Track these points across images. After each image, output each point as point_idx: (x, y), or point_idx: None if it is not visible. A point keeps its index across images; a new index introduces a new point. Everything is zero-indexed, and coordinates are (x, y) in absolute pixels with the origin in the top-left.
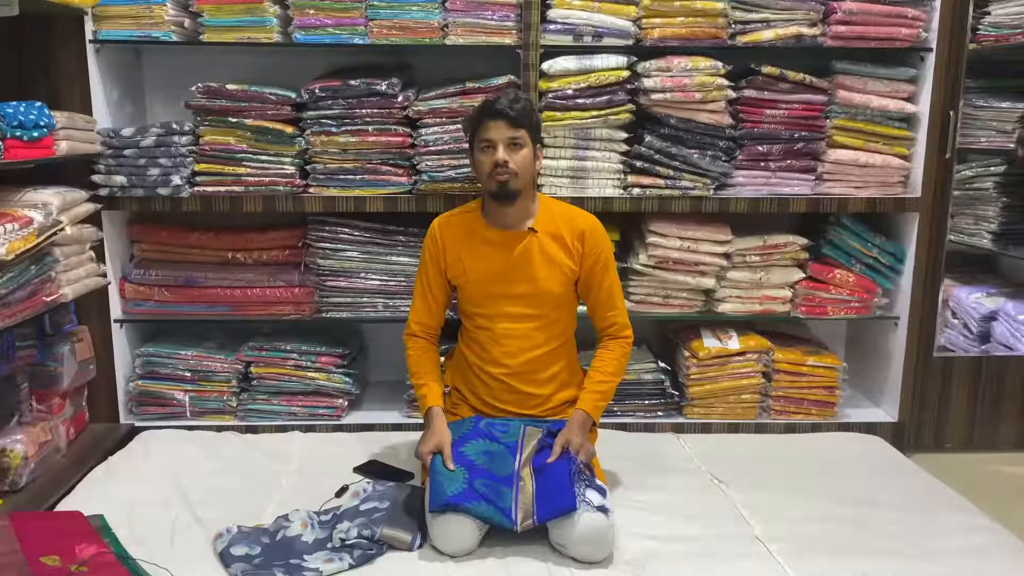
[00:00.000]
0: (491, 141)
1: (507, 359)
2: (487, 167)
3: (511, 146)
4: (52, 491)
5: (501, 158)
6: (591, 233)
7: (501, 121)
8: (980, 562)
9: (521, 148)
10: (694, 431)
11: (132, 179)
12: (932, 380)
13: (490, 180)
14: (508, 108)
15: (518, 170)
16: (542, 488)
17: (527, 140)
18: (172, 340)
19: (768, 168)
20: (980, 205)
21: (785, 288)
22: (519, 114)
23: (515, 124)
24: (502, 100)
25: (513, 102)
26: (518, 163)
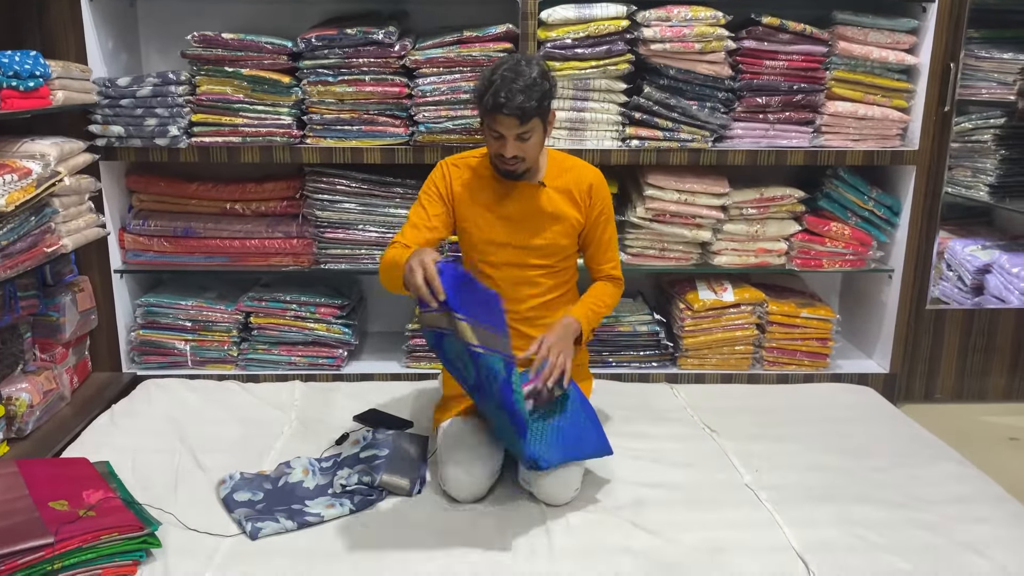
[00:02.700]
0: (500, 133)
1: (514, 304)
2: (494, 151)
3: (520, 139)
4: (58, 438)
5: (510, 154)
6: (597, 186)
7: (512, 119)
8: (965, 510)
9: (531, 137)
10: (688, 381)
11: (129, 129)
12: (924, 332)
13: (498, 161)
14: (518, 108)
15: (527, 156)
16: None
17: (538, 126)
18: (172, 290)
19: (766, 120)
20: (978, 157)
21: (781, 241)
22: (530, 110)
23: (525, 120)
24: (514, 94)
25: (526, 94)
26: (527, 150)
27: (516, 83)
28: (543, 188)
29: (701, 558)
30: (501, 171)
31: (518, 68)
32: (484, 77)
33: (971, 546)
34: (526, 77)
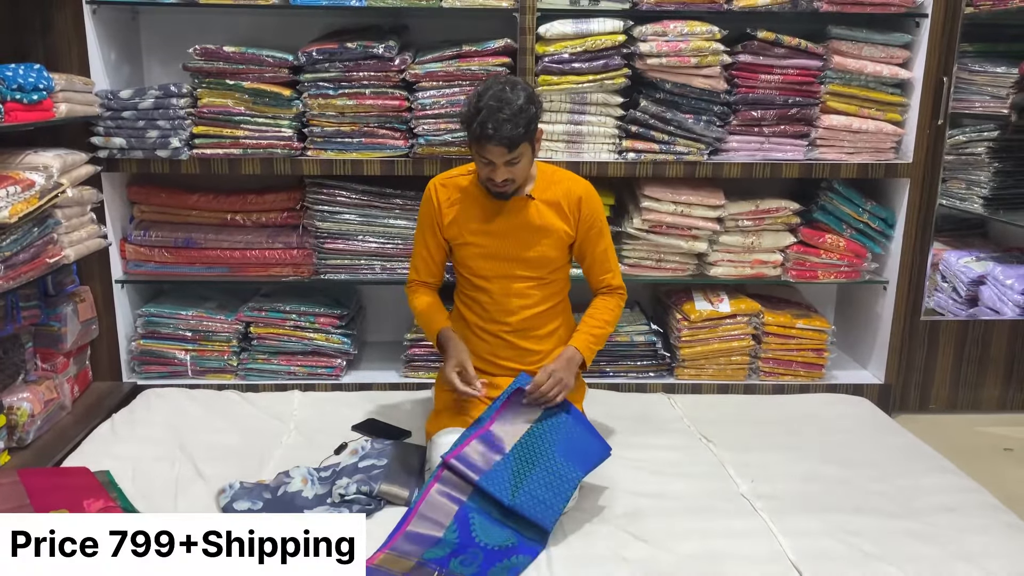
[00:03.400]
0: (489, 161)
1: (506, 316)
2: (484, 176)
3: (509, 164)
4: (58, 447)
5: (500, 179)
6: (587, 199)
7: (500, 147)
8: (960, 520)
9: (520, 161)
10: (684, 391)
11: (131, 141)
12: (919, 343)
13: (488, 184)
14: (506, 138)
15: (516, 178)
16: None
17: (526, 149)
18: (172, 300)
19: (762, 133)
20: (972, 170)
21: (776, 252)
22: (516, 138)
23: (514, 147)
24: (501, 124)
25: (512, 122)
26: (516, 173)
27: (502, 112)
28: (531, 201)
29: (697, 567)
30: (492, 193)
31: (503, 96)
32: (471, 104)
33: (965, 556)
34: (512, 105)
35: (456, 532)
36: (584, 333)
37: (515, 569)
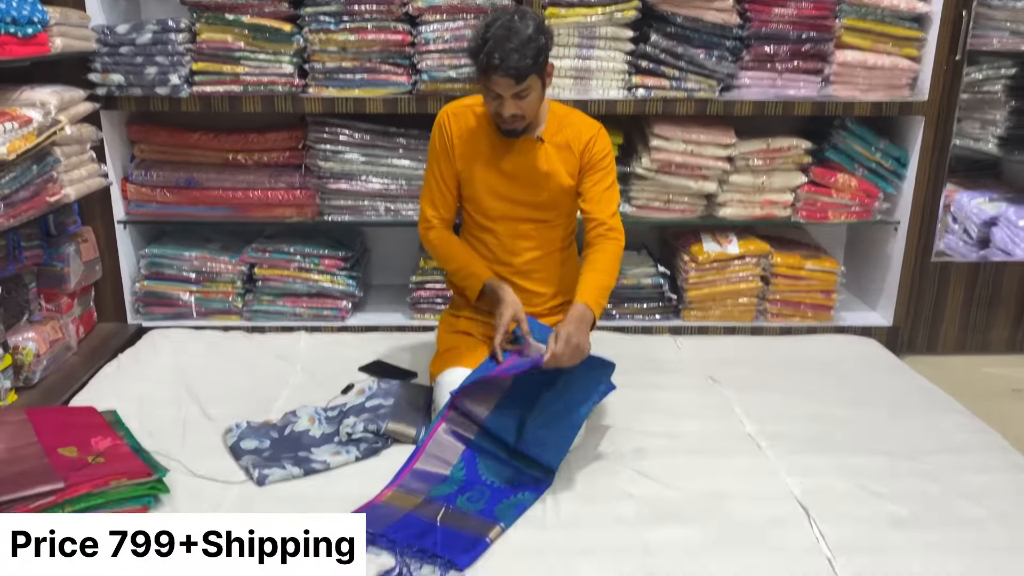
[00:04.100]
0: (497, 93)
1: (511, 258)
2: (493, 110)
3: (518, 97)
4: (65, 387)
5: (508, 113)
6: (596, 139)
7: (507, 79)
8: (966, 460)
9: (529, 94)
10: (691, 334)
11: (129, 78)
12: (928, 284)
13: (497, 120)
14: (513, 68)
15: (525, 114)
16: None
17: (535, 83)
18: (176, 241)
19: (774, 69)
20: (988, 109)
21: (787, 192)
22: (524, 69)
23: (521, 79)
24: (509, 54)
25: (520, 52)
26: (526, 108)
27: (510, 42)
28: (542, 144)
29: (703, 505)
30: (501, 130)
31: (512, 25)
32: (478, 35)
33: (971, 495)
34: (520, 35)
35: (463, 470)
36: (592, 287)
37: (521, 506)
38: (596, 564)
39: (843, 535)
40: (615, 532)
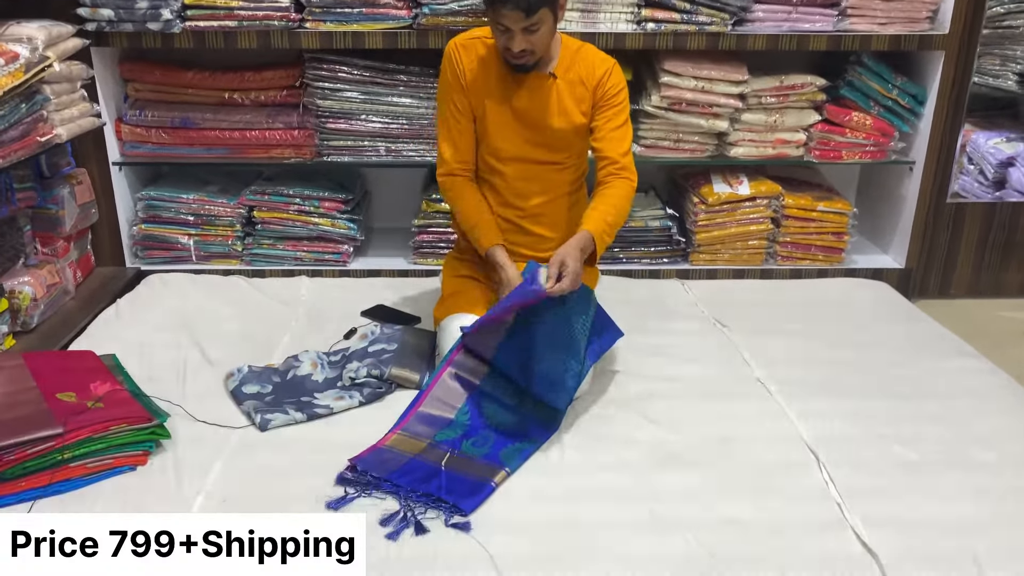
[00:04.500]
0: (506, 27)
1: (521, 201)
2: (502, 45)
3: (528, 31)
4: (63, 332)
5: (517, 48)
6: (610, 75)
7: (516, 11)
8: (977, 403)
9: (539, 28)
10: (699, 277)
11: (120, 13)
12: (942, 226)
13: (506, 55)
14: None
15: (535, 49)
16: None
17: (546, 16)
18: (173, 183)
19: (789, 2)
20: (1009, 44)
21: (800, 131)
22: (536, 2)
23: (531, 12)
24: None
25: None
26: (535, 43)
27: None
28: (554, 80)
29: (710, 448)
30: (511, 65)
31: None
32: None
33: (982, 438)
34: None
35: (468, 415)
36: (598, 220)
37: (527, 451)
38: (602, 509)
39: (853, 480)
40: (621, 477)
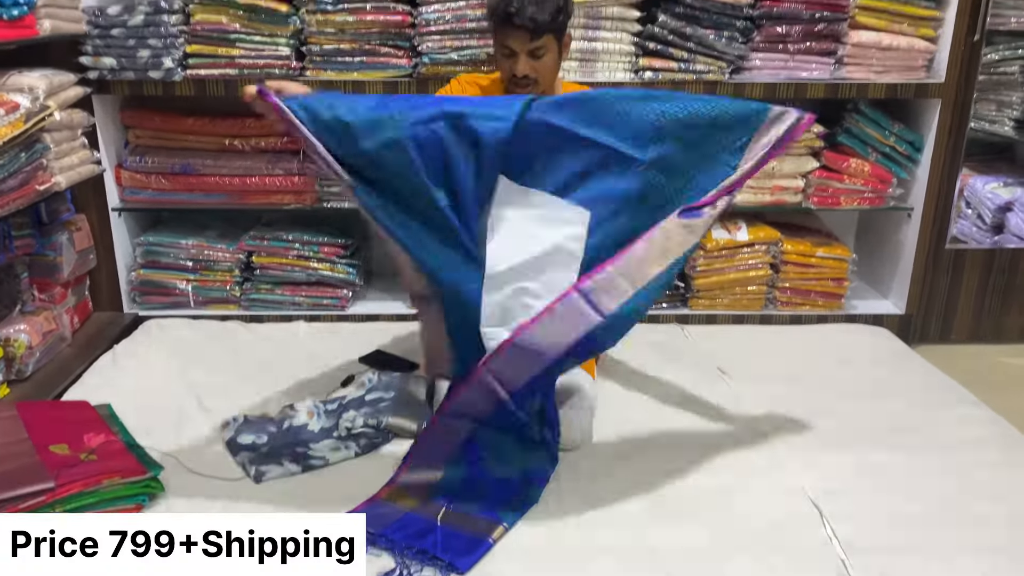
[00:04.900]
0: (511, 49)
1: None
2: (507, 72)
3: (532, 55)
4: (58, 380)
5: (521, 71)
6: None
7: (522, 32)
8: (982, 454)
9: (544, 55)
10: (699, 322)
11: (122, 61)
12: (942, 272)
13: (510, 85)
14: (530, 19)
15: (540, 78)
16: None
17: (551, 44)
18: (172, 229)
19: (786, 51)
20: (1004, 90)
21: (798, 178)
22: (542, 23)
23: (537, 34)
24: (525, 5)
25: (539, 6)
26: (540, 71)
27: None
28: None
29: (711, 501)
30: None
31: None
32: None
33: (987, 491)
34: None
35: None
36: None
37: (525, 504)
38: (602, 565)
39: (857, 535)
40: (621, 533)
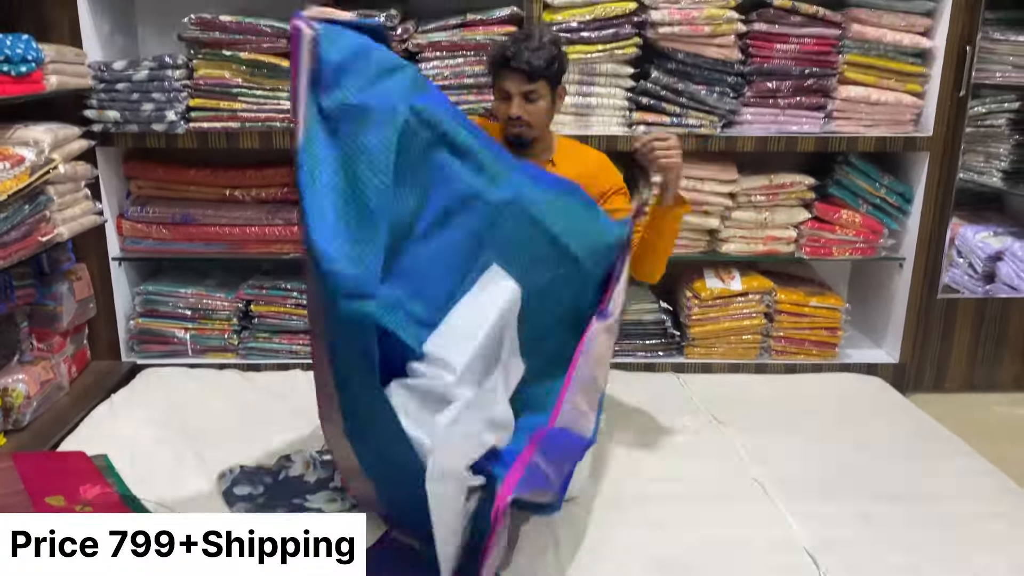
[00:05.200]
0: (507, 92)
1: None
2: (503, 115)
3: (527, 99)
4: (55, 429)
5: (515, 113)
6: (605, 166)
7: (518, 75)
8: (978, 505)
9: (538, 100)
10: (695, 371)
11: (125, 114)
12: (935, 321)
13: (506, 127)
14: (526, 62)
15: (532, 121)
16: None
17: (545, 91)
18: (171, 278)
19: (777, 105)
20: (992, 142)
21: (790, 228)
22: (537, 68)
23: (532, 78)
24: (522, 51)
25: (534, 52)
26: (533, 115)
27: (527, 43)
28: (552, 166)
29: (708, 554)
30: (509, 137)
31: (530, 32)
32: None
33: (984, 542)
34: (537, 40)
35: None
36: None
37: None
38: None
39: None
40: None
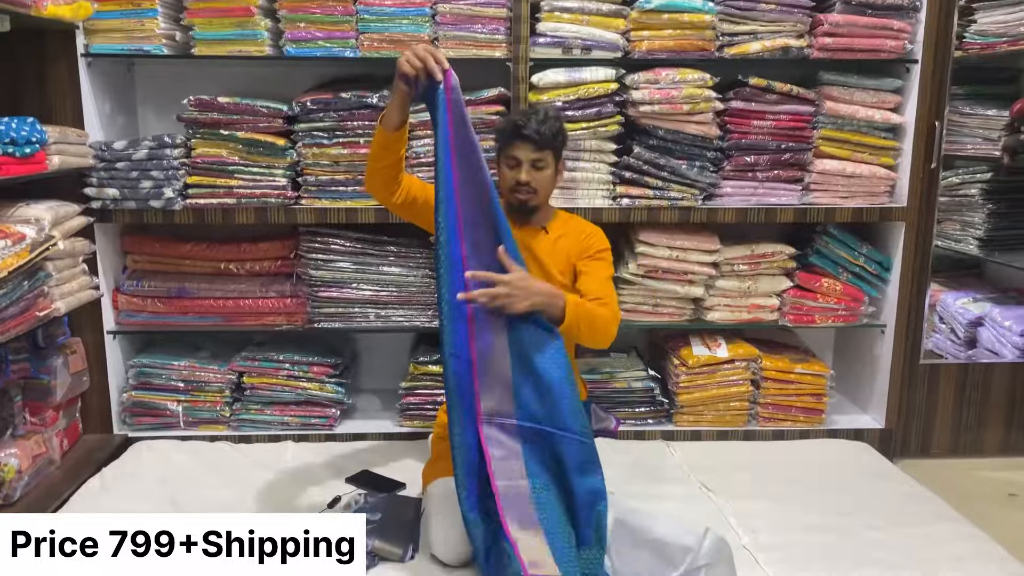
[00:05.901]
0: (516, 159)
1: None
2: (510, 181)
3: (534, 167)
4: (46, 503)
5: (524, 178)
6: (594, 234)
7: (528, 143)
8: (966, 570)
9: (544, 168)
10: (684, 438)
11: (124, 192)
12: (919, 386)
13: (511, 194)
14: (536, 132)
15: (538, 188)
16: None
17: (550, 161)
18: (165, 350)
19: (755, 178)
20: (967, 211)
21: (773, 296)
22: (545, 137)
23: (540, 147)
24: (532, 122)
25: (542, 124)
26: (539, 182)
27: (535, 116)
28: (546, 235)
29: None
30: (513, 204)
31: (536, 106)
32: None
33: None
34: (543, 114)
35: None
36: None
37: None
38: None
39: None
40: None
